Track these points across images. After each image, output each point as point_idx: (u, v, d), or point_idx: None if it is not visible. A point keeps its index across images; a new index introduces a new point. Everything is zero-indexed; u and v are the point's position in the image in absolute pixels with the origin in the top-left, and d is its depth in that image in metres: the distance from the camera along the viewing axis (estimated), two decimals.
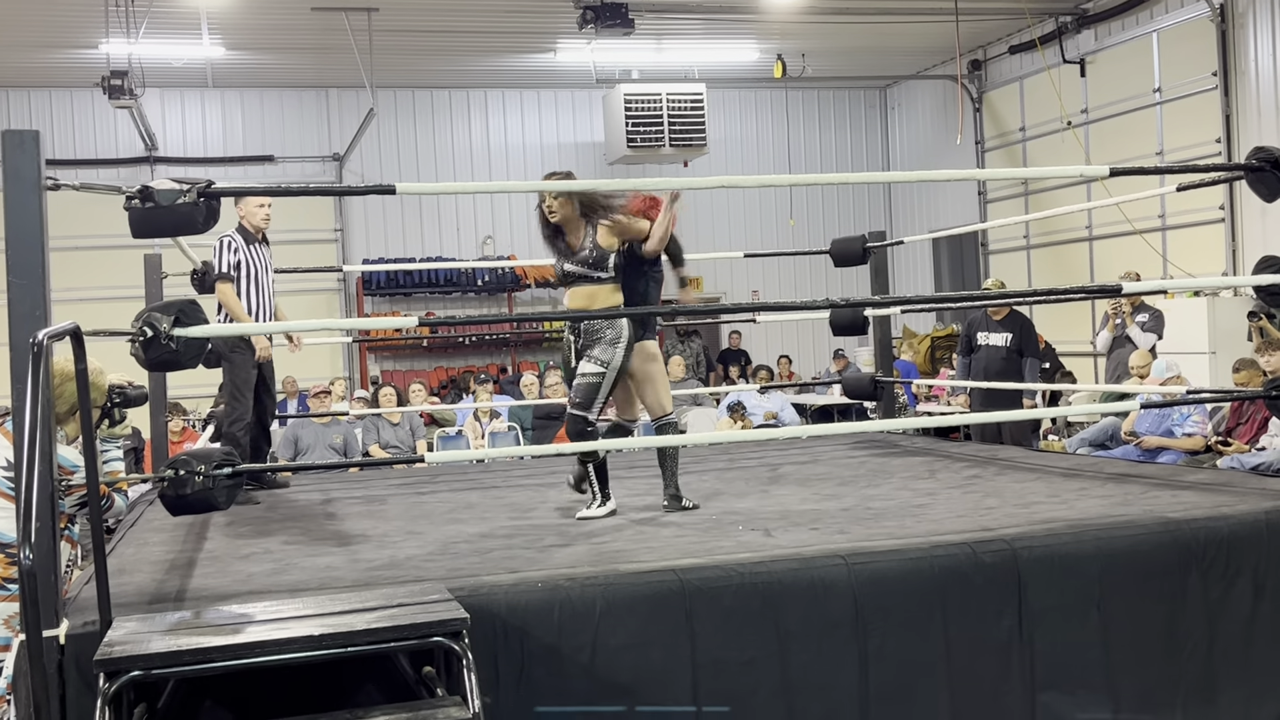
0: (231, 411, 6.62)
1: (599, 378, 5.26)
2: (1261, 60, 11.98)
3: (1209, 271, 12.38)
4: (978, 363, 9.84)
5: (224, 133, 16.16)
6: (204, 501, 3.84)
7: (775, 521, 4.77)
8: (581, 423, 5.27)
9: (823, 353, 17.13)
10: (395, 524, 5.25)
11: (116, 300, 10.92)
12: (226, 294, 6.52)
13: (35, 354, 3.08)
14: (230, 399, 6.64)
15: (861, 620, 3.83)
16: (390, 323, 8.21)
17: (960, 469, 6.17)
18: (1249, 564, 4.22)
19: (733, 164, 17.32)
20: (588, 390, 5.26)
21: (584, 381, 5.28)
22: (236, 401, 6.60)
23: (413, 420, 10.76)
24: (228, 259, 6.54)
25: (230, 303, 6.52)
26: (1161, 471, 5.86)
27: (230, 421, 6.60)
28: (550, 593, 3.66)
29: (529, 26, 13.82)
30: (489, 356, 16.95)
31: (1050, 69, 14.21)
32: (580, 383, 5.29)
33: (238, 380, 6.59)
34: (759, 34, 14.65)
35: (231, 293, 6.53)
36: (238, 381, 6.58)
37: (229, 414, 6.63)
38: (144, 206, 3.78)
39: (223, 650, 3.08)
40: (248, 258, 6.61)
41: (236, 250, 6.57)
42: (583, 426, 5.27)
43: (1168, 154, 13.06)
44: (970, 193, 16.47)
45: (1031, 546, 4.05)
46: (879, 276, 7.92)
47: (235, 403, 6.60)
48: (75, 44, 13.31)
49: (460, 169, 16.67)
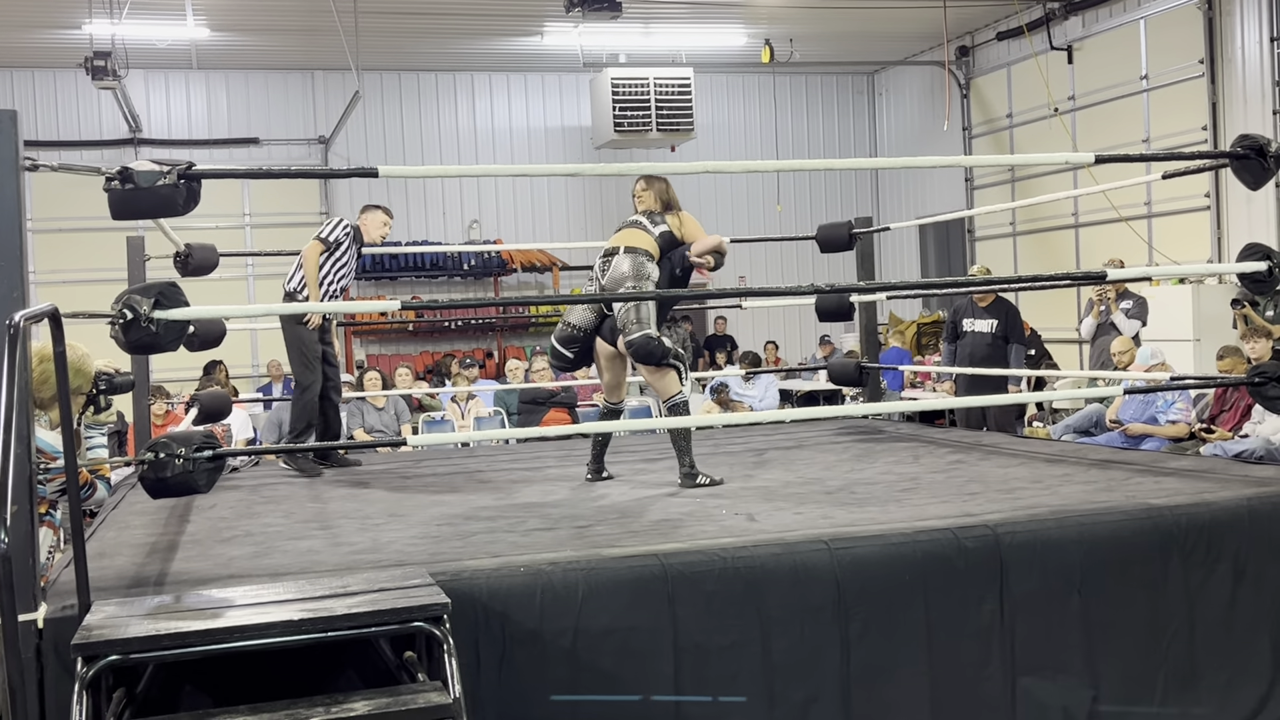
0: (303, 379, 6.75)
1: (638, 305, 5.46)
2: (1248, 48, 11.99)
3: (1194, 259, 12.41)
4: (963, 349, 9.87)
5: (208, 115, 16.07)
6: (184, 485, 3.82)
7: (758, 505, 4.77)
8: (654, 340, 5.46)
9: (809, 338, 17.14)
10: (378, 508, 5.23)
11: (99, 283, 10.87)
12: (311, 255, 6.72)
13: (11, 336, 3.06)
14: (299, 367, 6.75)
15: (843, 604, 3.83)
16: (375, 306, 8.19)
17: (944, 454, 6.18)
18: (1230, 550, 4.23)
19: (720, 149, 17.28)
20: (634, 311, 5.45)
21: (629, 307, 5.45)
22: (307, 370, 6.73)
23: (397, 405, 10.72)
24: (336, 233, 6.81)
25: (310, 264, 6.71)
26: (1145, 458, 5.87)
27: (303, 390, 6.74)
28: (532, 577, 3.65)
29: (516, 9, 13.76)
30: (475, 341, 16.92)
31: (1038, 55, 14.21)
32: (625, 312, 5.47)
33: (306, 351, 6.73)
34: (747, 19, 14.61)
35: (316, 255, 6.72)
36: (307, 351, 6.73)
37: (301, 382, 6.75)
38: (124, 188, 3.75)
39: (202, 634, 3.07)
40: (348, 248, 6.87)
41: (348, 235, 6.86)
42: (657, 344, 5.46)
43: (1154, 141, 13.07)
44: (957, 179, 16.47)
45: (1014, 532, 4.06)
46: (865, 262, 7.91)
47: (306, 371, 6.73)
48: (58, 24, 13.20)
49: (447, 152, 16.61)
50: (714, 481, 5.41)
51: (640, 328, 5.45)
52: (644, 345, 5.44)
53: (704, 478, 5.41)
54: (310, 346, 6.75)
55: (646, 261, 5.58)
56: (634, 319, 5.46)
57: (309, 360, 6.73)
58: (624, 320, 5.49)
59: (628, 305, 5.45)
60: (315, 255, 6.73)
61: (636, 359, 5.51)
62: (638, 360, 5.52)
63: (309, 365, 6.73)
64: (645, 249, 5.61)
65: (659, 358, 5.48)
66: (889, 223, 14.00)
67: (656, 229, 5.71)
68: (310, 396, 6.73)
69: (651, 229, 5.71)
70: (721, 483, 5.42)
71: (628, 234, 5.72)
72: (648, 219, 5.76)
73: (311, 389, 6.73)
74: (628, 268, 5.53)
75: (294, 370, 6.84)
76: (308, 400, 6.73)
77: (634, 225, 5.76)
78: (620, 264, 5.57)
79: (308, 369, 6.73)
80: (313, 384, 6.73)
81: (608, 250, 5.70)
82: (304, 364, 6.73)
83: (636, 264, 5.54)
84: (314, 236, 6.86)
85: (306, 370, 6.73)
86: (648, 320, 5.46)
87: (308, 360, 6.73)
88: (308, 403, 6.74)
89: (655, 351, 5.46)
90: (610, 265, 5.61)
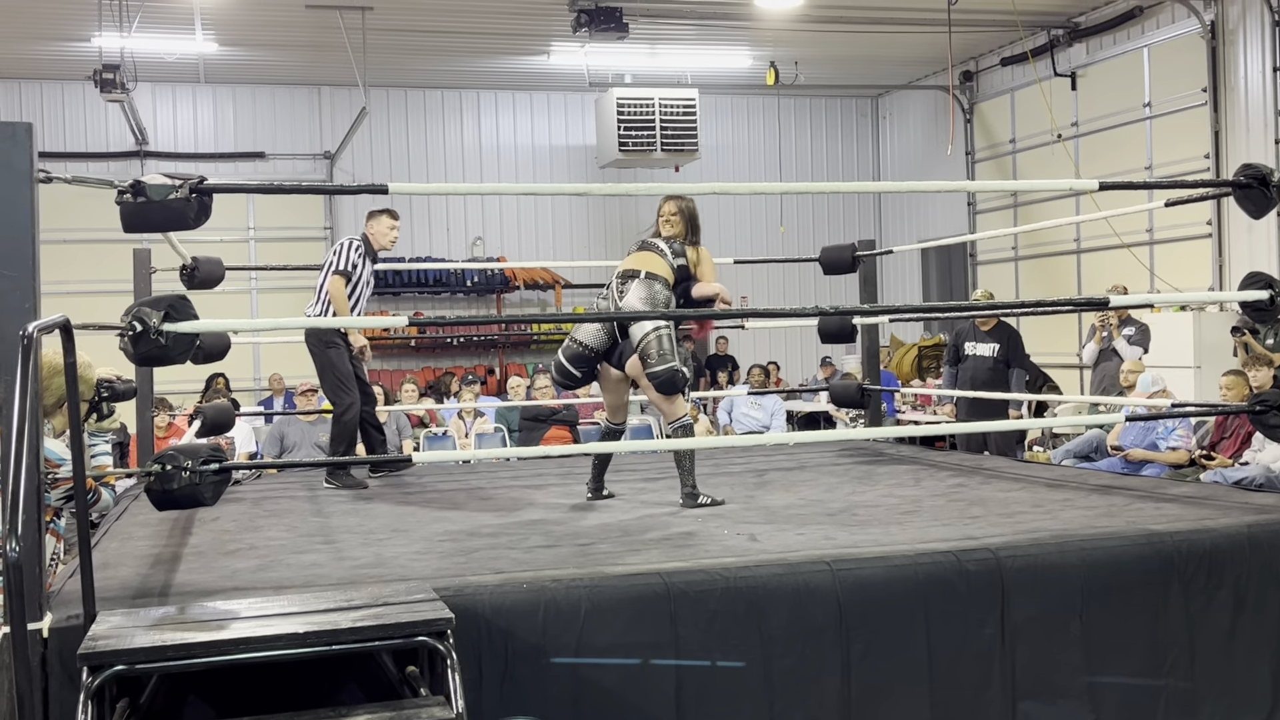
0: (340, 402, 6.78)
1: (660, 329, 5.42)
2: (1251, 77, 12.05)
3: (1196, 286, 12.43)
4: (964, 373, 9.89)
5: (215, 128, 16.13)
6: (190, 497, 3.84)
7: (760, 526, 4.78)
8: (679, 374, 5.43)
9: (810, 359, 17.16)
10: (381, 523, 5.25)
11: (105, 294, 10.91)
12: (338, 288, 6.76)
13: (25, 346, 3.08)
14: (335, 391, 6.79)
15: (845, 626, 3.85)
16: (380, 322, 8.22)
17: (945, 478, 6.19)
18: (1230, 577, 4.24)
19: (724, 170, 17.34)
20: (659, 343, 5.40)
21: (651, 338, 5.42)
22: (343, 392, 6.76)
23: (399, 420, 10.74)
24: (350, 258, 6.84)
25: (338, 297, 6.76)
26: (1145, 484, 5.88)
27: (342, 411, 6.76)
28: (535, 594, 3.66)
29: (523, 29, 13.82)
30: (476, 358, 16.94)
31: (1041, 81, 14.27)
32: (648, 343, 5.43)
33: (339, 374, 6.77)
34: (752, 41, 14.68)
35: (342, 288, 6.77)
36: (339, 375, 6.77)
37: (339, 405, 6.78)
38: (135, 201, 3.78)
39: (206, 646, 3.08)
40: (363, 267, 6.90)
41: (360, 254, 6.89)
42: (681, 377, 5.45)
43: (1157, 169, 13.12)
44: (960, 203, 16.52)
45: (1015, 556, 4.07)
46: (868, 285, 7.94)
47: (342, 393, 6.76)
48: (68, 36, 13.27)
49: (451, 169, 16.66)
50: (715, 502, 5.42)
51: (664, 360, 5.40)
52: (670, 379, 5.43)
53: (705, 497, 5.43)
54: (342, 369, 6.77)
55: (663, 289, 5.56)
56: (658, 350, 5.41)
57: (343, 383, 6.76)
58: (647, 351, 5.43)
59: (651, 336, 5.42)
60: (341, 290, 6.78)
61: (660, 391, 5.49)
62: (661, 392, 5.50)
63: (344, 388, 6.76)
64: (663, 276, 5.60)
65: (680, 389, 5.49)
66: (892, 245, 14.07)
67: (675, 260, 5.68)
68: (350, 418, 6.76)
69: (670, 259, 5.67)
70: (723, 503, 5.43)
71: (647, 258, 5.66)
72: (668, 246, 5.72)
73: (350, 411, 6.76)
74: (645, 294, 5.50)
75: (329, 395, 6.88)
76: (347, 422, 6.75)
77: (654, 250, 5.71)
78: (638, 290, 5.52)
79: (344, 392, 6.76)
80: (350, 406, 6.76)
81: (626, 271, 5.64)
82: (338, 387, 6.76)
83: (653, 291, 5.51)
84: (333, 270, 6.84)
85: (342, 393, 6.76)
86: (671, 352, 5.43)
87: (341, 383, 6.76)
88: (346, 424, 6.76)
89: (680, 384, 5.47)
90: (628, 289, 5.55)
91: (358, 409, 6.80)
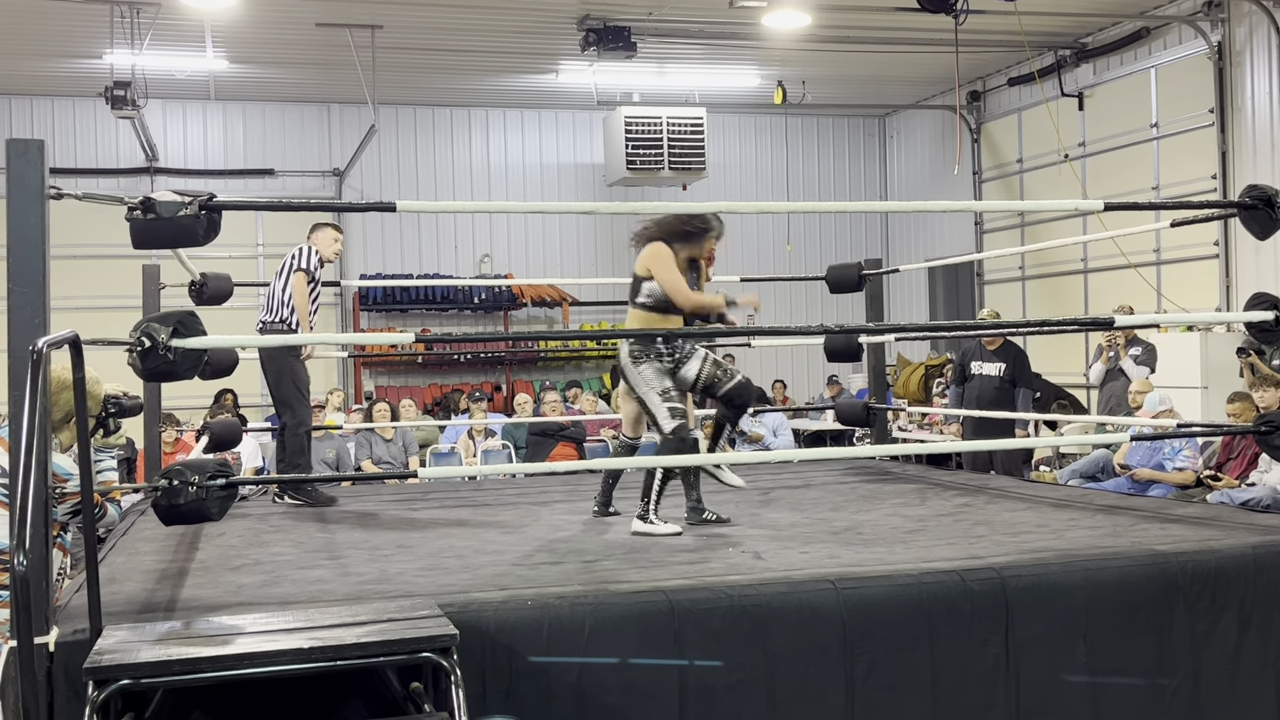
0: (296, 413, 6.68)
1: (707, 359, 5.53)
2: (1258, 98, 12.07)
3: (1202, 307, 12.43)
4: (971, 392, 9.88)
5: (224, 145, 16.20)
6: (197, 512, 3.86)
7: (765, 544, 4.78)
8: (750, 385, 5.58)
9: (816, 378, 17.16)
10: (386, 539, 5.26)
11: (113, 310, 10.95)
12: (300, 285, 6.72)
13: (35, 361, 3.10)
14: (293, 401, 6.69)
15: (849, 644, 3.85)
16: (389, 338, 8.20)
17: (951, 497, 6.19)
18: (1235, 598, 4.24)
19: (731, 188, 17.38)
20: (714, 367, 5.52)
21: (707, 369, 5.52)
22: (300, 404, 6.69)
23: (406, 436, 10.76)
24: (311, 260, 6.83)
25: (300, 295, 6.72)
26: (1151, 504, 5.88)
27: (298, 423, 6.68)
28: (540, 611, 3.67)
29: (532, 48, 13.89)
30: (483, 374, 16.96)
31: (1048, 102, 14.29)
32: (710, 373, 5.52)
33: (299, 382, 6.69)
34: (760, 60, 14.73)
35: (304, 286, 6.72)
36: (299, 383, 6.69)
37: (294, 416, 6.68)
38: (145, 217, 3.81)
39: (212, 661, 3.09)
40: (320, 270, 6.90)
41: (318, 259, 6.88)
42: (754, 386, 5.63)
43: (1164, 189, 13.12)
44: (967, 222, 16.53)
45: (1020, 575, 4.07)
46: (874, 304, 7.96)
47: (299, 404, 6.69)
48: (80, 54, 13.36)
49: (460, 187, 16.71)
50: (720, 519, 5.43)
51: (730, 377, 5.51)
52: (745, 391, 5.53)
53: (710, 514, 5.43)
54: (301, 378, 6.70)
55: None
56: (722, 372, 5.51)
57: (302, 392, 6.68)
58: (711, 377, 5.50)
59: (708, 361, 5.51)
60: (304, 287, 6.71)
61: (740, 405, 5.58)
62: (737, 408, 5.58)
63: (302, 398, 6.68)
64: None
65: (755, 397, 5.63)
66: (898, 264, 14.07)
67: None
68: (305, 430, 6.68)
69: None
70: (728, 520, 5.43)
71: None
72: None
73: (306, 421, 6.68)
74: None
75: (289, 402, 6.74)
76: (305, 433, 6.68)
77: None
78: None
79: (300, 403, 6.67)
80: (307, 417, 6.69)
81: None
82: (297, 397, 6.67)
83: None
84: (295, 268, 6.80)
85: (300, 404, 6.68)
86: (731, 369, 5.54)
87: (300, 392, 6.68)
88: (304, 435, 6.69)
89: (755, 393, 5.62)
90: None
91: (308, 428, 6.72)
